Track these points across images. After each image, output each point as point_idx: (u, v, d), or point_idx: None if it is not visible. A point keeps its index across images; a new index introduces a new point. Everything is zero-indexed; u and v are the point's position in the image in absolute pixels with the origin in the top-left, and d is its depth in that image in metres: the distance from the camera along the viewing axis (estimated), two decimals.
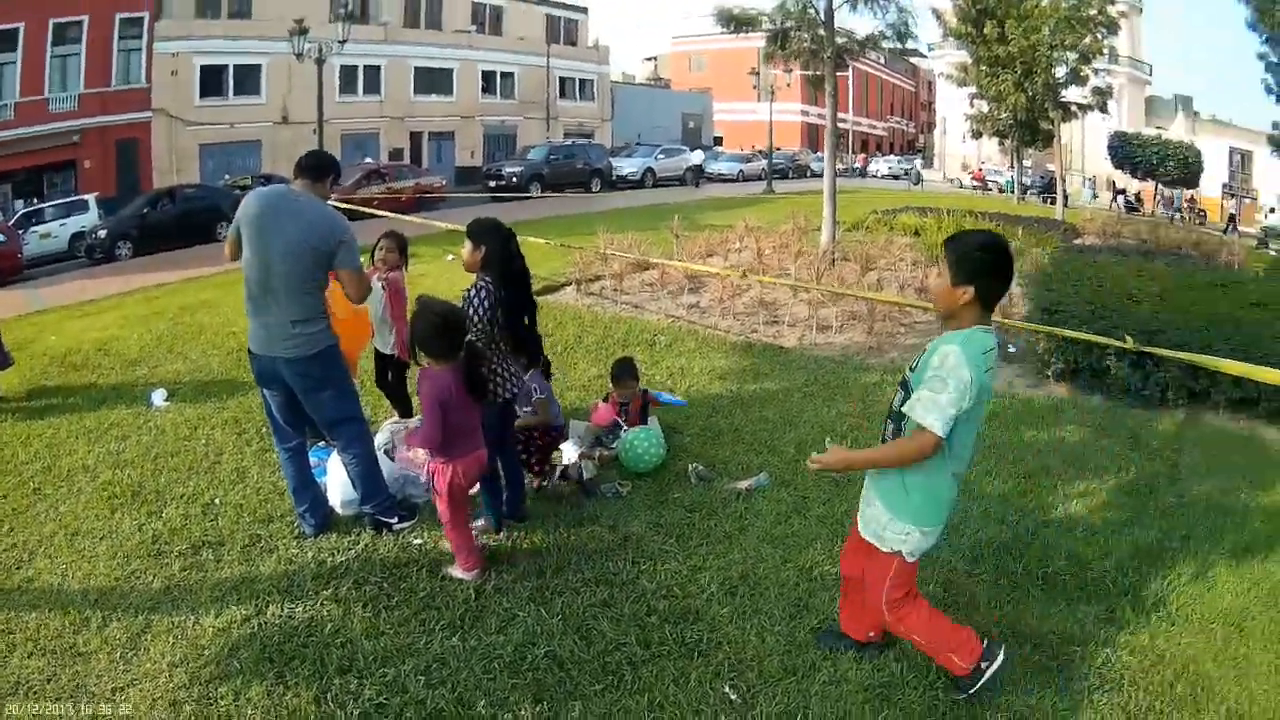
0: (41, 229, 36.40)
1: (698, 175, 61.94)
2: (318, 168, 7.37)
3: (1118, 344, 10.07)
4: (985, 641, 5.39)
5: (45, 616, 6.75)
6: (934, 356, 4.90)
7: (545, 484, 8.53)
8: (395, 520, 7.68)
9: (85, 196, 39.73)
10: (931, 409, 4.75)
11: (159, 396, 12.15)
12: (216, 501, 8.63)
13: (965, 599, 6.41)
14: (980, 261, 4.95)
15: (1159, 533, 7.57)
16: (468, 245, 7.28)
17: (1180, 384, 11.11)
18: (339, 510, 8.12)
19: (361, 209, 22.62)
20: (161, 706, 5.59)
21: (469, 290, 7.21)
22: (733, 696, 5.37)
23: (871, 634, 5.77)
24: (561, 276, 18.89)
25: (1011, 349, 13.29)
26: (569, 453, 8.99)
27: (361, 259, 7.32)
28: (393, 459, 8.55)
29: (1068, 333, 11.17)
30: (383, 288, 9.46)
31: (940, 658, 5.42)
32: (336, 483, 8.18)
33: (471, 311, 7.03)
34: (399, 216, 21.22)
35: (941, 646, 5.38)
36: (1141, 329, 10.78)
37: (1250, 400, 10.96)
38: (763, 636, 5.97)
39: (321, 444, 8.89)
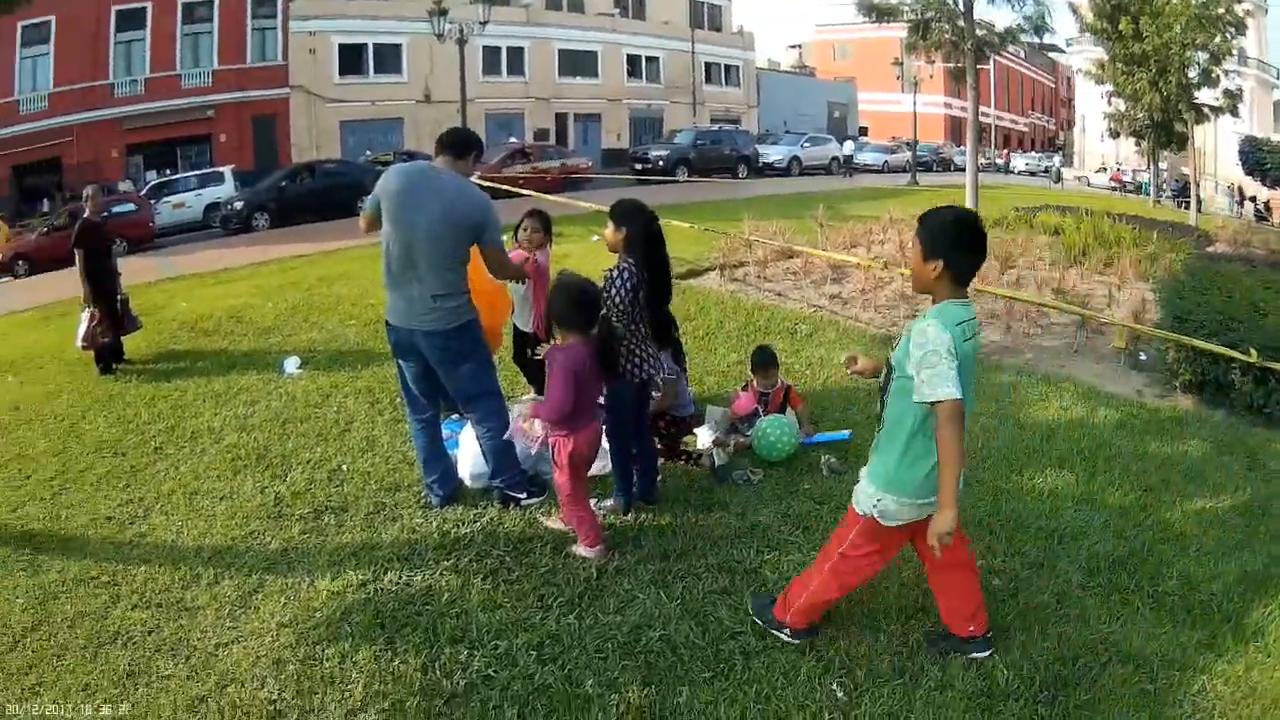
0: (175, 199, 37.42)
1: (849, 165, 60.63)
2: (460, 144, 7.34)
3: (1241, 357, 9.99)
4: (810, 628, 5.79)
5: (155, 571, 6.95)
6: (914, 337, 5.04)
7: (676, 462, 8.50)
8: (524, 495, 7.71)
9: (221, 169, 40.63)
10: (937, 383, 4.84)
11: (292, 364, 12.32)
12: (343, 468, 8.73)
13: (1076, 612, 6.24)
14: (949, 236, 5.14)
15: (1266, 558, 7.34)
16: (610, 226, 7.26)
17: None
18: (468, 483, 8.15)
19: (507, 188, 22.70)
20: (264, 664, 5.70)
21: (610, 271, 7.16)
22: (839, 694, 5.29)
23: (972, 628, 5.75)
24: (706, 261, 18.72)
25: (1142, 357, 12.97)
26: (704, 438, 9.00)
27: (504, 237, 7.31)
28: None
29: (1194, 342, 10.93)
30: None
31: (791, 601, 5.78)
32: (467, 455, 8.21)
33: (613, 291, 6.99)
34: (544, 196, 21.24)
35: (804, 604, 5.71)
36: (1267, 343, 10.51)
37: None
38: (876, 635, 5.86)
39: (455, 416, 8.96)
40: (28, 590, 6.79)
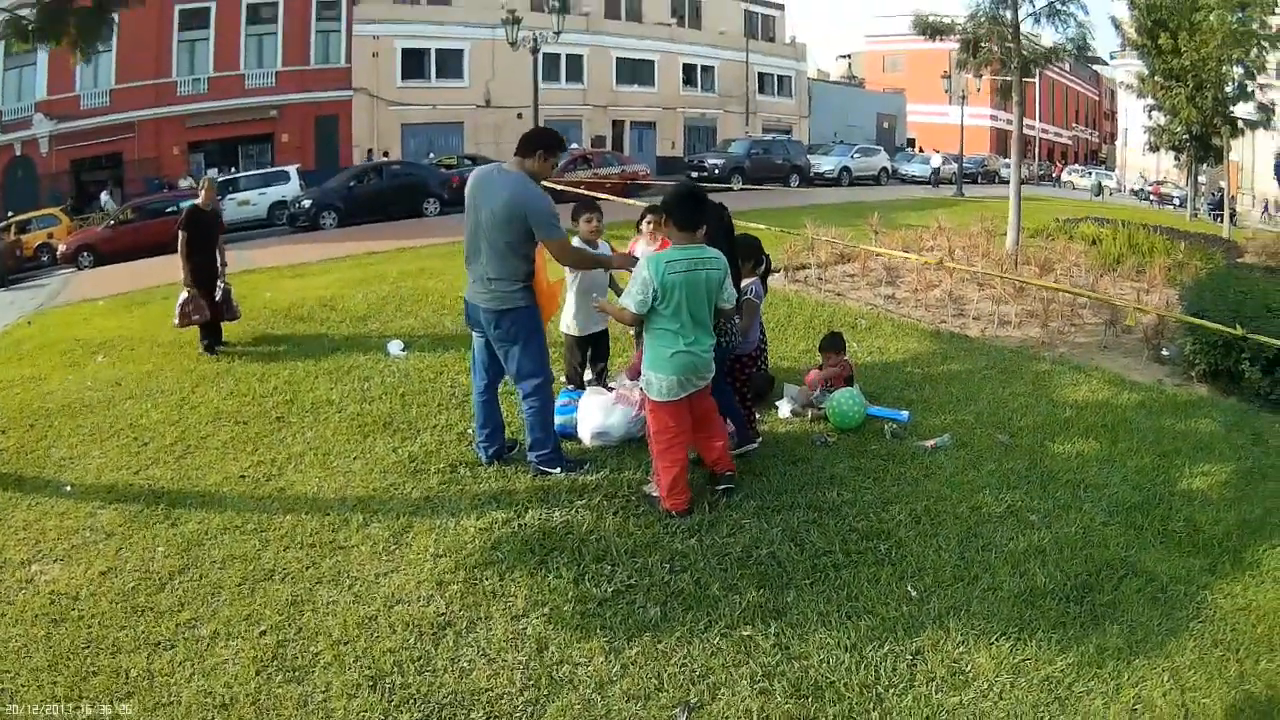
0: (240, 196, 38.06)
1: (936, 178, 61.80)
2: (523, 143, 8.20)
3: (1230, 331, 11.17)
4: (688, 505, 7.68)
5: (301, 518, 7.65)
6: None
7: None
8: (558, 470, 8.44)
9: (287, 168, 41.34)
10: (627, 296, 7.53)
11: (396, 347, 13.01)
12: (469, 432, 9.34)
13: (1099, 540, 7.57)
14: (670, 200, 7.73)
15: (1263, 511, 8.53)
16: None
17: None
18: (587, 442, 9.19)
19: (575, 190, 23.38)
20: (427, 586, 6.54)
21: None
22: (913, 593, 6.57)
23: (716, 468, 8.13)
24: (772, 263, 19.36)
25: (1165, 352, 14.06)
26: (784, 410, 10.27)
27: (563, 230, 8.14)
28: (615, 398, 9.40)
29: (1189, 319, 12.41)
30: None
31: (663, 493, 7.69)
32: (587, 417, 9.25)
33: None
34: (612, 198, 22.01)
35: (665, 488, 7.65)
36: (1275, 338, 11.41)
37: None
38: (939, 553, 7.18)
39: (570, 386, 10.09)
40: (168, 540, 7.32)
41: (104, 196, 42.32)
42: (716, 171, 48.66)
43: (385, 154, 51.39)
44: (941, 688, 5.62)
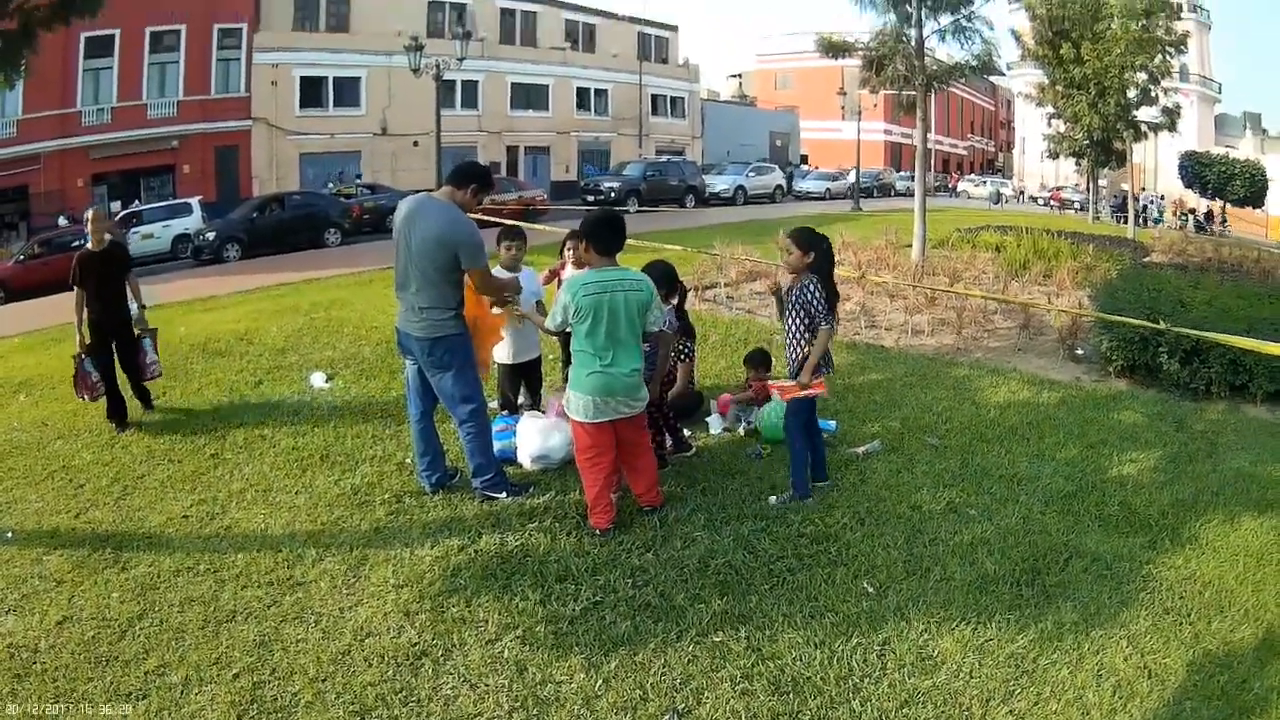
0: (144, 230, 37.19)
1: (868, 190, 62.85)
2: (456, 175, 8.39)
3: (1153, 325, 11.59)
4: (611, 524, 7.89)
5: (254, 556, 7.54)
6: None
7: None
8: (504, 495, 8.62)
9: (189, 200, 40.59)
10: (550, 318, 8.03)
11: (319, 379, 12.96)
12: (409, 461, 9.45)
13: (1039, 528, 8.10)
14: (588, 225, 8.18)
15: (1194, 490, 9.18)
16: (797, 251, 8.72)
17: (1222, 379, 12.51)
18: (527, 465, 9.34)
19: (491, 219, 23.50)
20: (395, 617, 6.55)
21: (801, 284, 8.65)
22: (870, 590, 6.95)
23: (641, 500, 8.31)
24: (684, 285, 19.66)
25: (1079, 351, 14.76)
26: (714, 426, 10.57)
27: (487, 260, 8.41)
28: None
29: (1110, 317, 12.88)
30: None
31: (589, 511, 7.98)
32: (526, 441, 9.37)
33: (813, 299, 8.55)
34: (518, 224, 22.13)
35: (592, 505, 7.95)
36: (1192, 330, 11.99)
37: None
38: (888, 551, 7.60)
39: (505, 412, 10.20)
40: (121, 585, 7.14)
41: (61, 220, 41.09)
42: (613, 194, 48.96)
43: (340, 175, 51.92)
44: (913, 673, 5.96)
